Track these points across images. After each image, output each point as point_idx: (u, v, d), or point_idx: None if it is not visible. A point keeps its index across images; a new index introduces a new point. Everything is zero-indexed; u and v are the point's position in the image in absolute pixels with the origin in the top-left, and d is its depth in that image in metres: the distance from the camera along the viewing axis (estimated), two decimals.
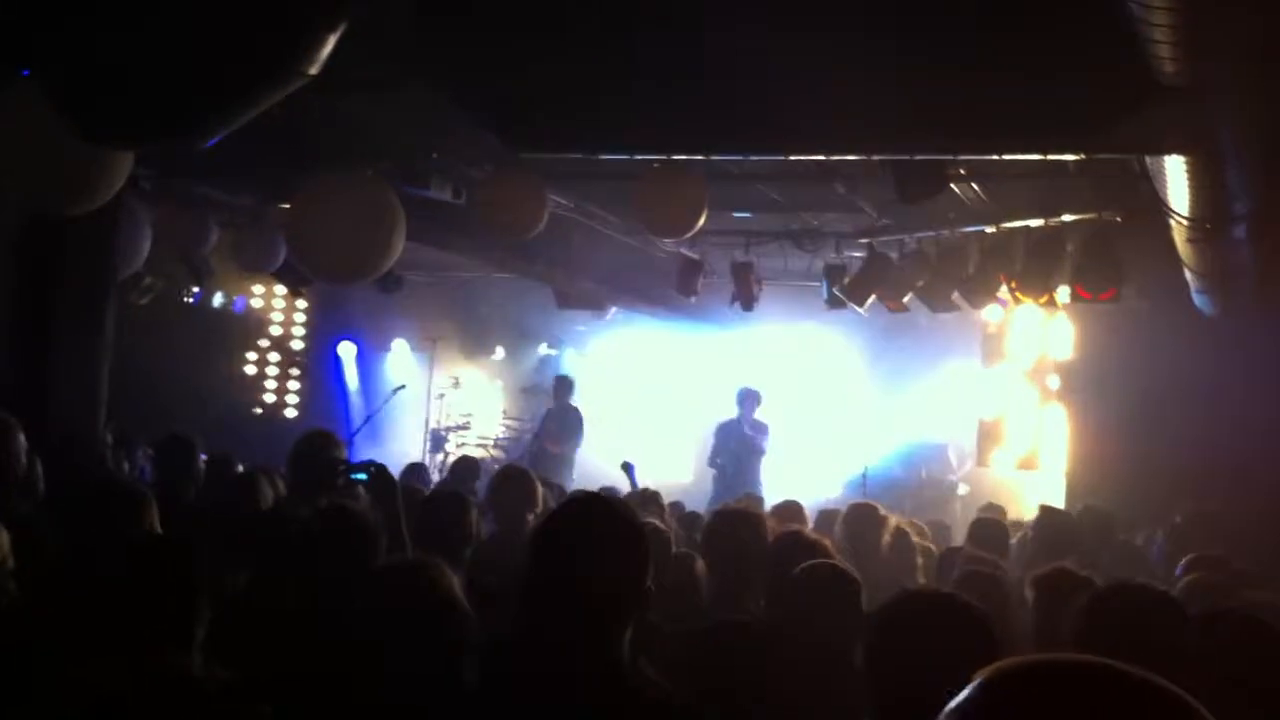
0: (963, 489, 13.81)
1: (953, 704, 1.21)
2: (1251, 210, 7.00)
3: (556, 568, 2.60)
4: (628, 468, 10.43)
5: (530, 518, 5.83)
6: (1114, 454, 10.23)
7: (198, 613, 2.90)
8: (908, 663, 2.62)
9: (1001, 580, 5.00)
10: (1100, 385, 10.83)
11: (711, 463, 13.00)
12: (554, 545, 2.64)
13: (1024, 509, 10.36)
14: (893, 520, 6.59)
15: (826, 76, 6.72)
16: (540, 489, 6.24)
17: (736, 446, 12.82)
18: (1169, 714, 1.16)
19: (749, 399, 13.14)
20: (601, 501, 2.84)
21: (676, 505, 10.31)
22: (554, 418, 14.34)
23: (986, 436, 13.91)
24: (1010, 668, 1.21)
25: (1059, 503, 9.75)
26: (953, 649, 2.50)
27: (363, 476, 5.94)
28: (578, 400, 14.52)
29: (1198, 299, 9.20)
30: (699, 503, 10.73)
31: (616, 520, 2.69)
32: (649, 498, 7.62)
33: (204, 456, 7.39)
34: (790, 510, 7.36)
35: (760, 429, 13.02)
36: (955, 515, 12.28)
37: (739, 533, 4.98)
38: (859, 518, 6.50)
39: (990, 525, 7.45)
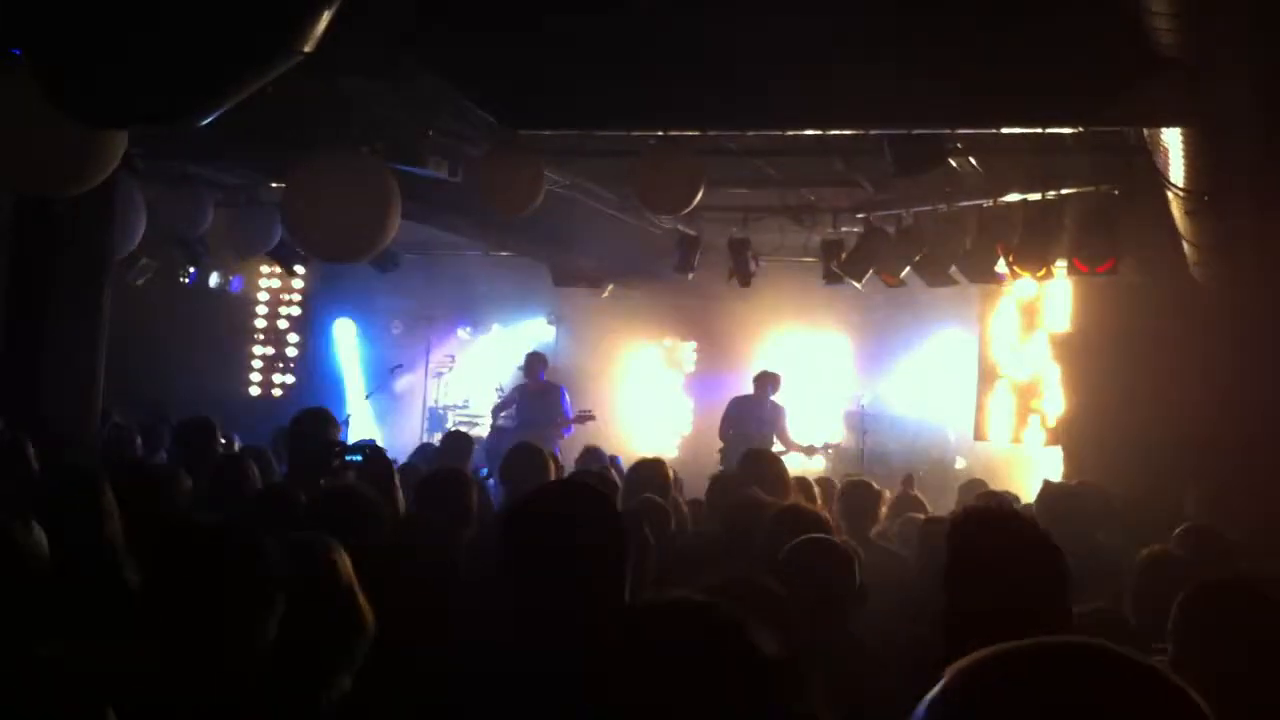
0: (960, 463, 13.82)
1: (930, 696, 1.18)
2: (1250, 182, 6.98)
3: (537, 548, 2.62)
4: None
5: None
6: (1111, 430, 10.22)
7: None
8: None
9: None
10: (1098, 360, 10.81)
11: (723, 435, 12.62)
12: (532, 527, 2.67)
13: (1021, 485, 10.38)
14: (888, 495, 6.63)
15: (825, 52, 6.70)
16: (552, 464, 6.24)
17: (752, 428, 12.41)
18: (1141, 689, 1.14)
19: (768, 382, 12.75)
20: (578, 485, 2.87)
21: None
22: (535, 399, 13.41)
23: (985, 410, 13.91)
24: (983, 658, 1.19)
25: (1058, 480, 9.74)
26: None
27: (358, 458, 5.96)
28: (552, 375, 13.88)
29: (1196, 272, 9.19)
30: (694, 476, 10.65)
31: (595, 503, 2.73)
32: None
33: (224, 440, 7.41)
34: (800, 484, 7.34)
35: (778, 412, 12.66)
36: (954, 492, 12.27)
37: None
38: (855, 494, 6.53)
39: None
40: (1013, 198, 10.06)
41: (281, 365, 16.25)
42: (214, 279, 14.88)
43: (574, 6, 6.76)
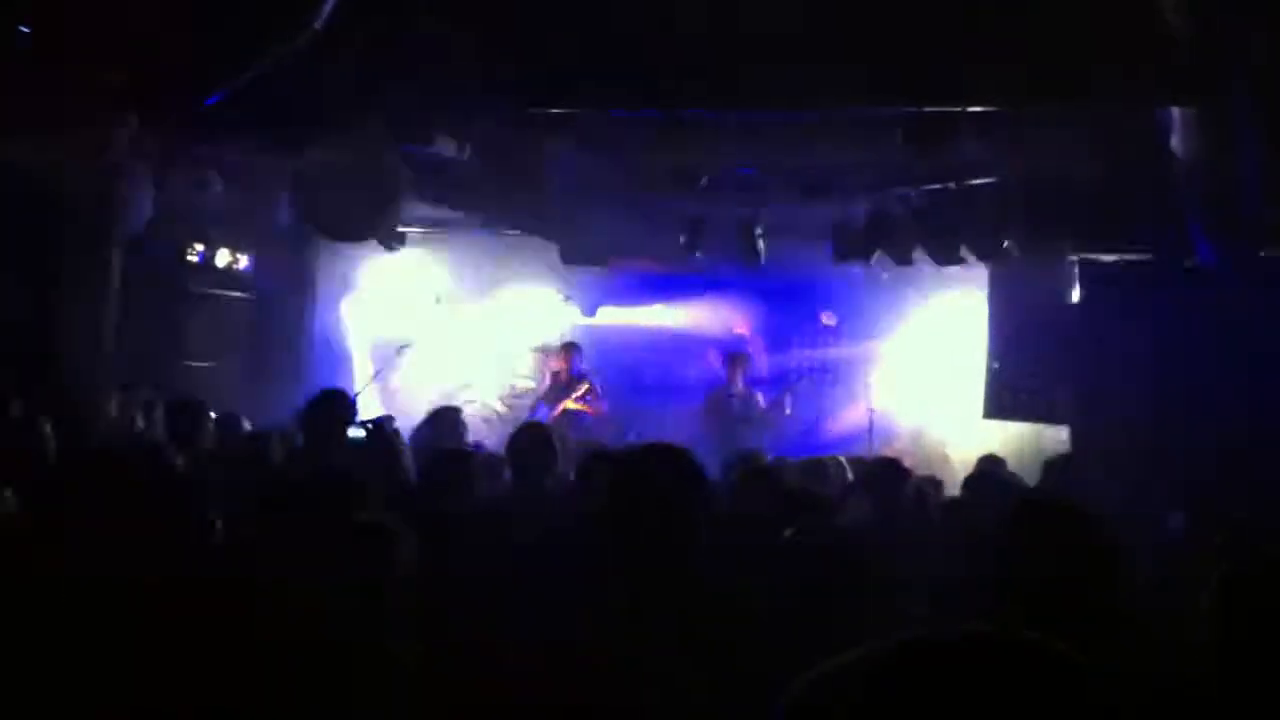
0: (969, 442, 13.78)
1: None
2: (1258, 160, 6.97)
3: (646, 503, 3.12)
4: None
5: (547, 474, 5.81)
6: (1116, 410, 10.22)
7: None
8: None
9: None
10: (1104, 340, 10.80)
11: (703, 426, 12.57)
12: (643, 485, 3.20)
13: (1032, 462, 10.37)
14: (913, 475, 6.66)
15: (834, 28, 6.69)
16: (558, 444, 6.24)
17: (726, 417, 12.36)
18: (1035, 672, 1.15)
19: (736, 364, 12.71)
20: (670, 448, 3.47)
21: None
22: (569, 388, 14.02)
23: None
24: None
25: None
26: None
27: (360, 434, 6.02)
28: (585, 362, 14.45)
29: (1203, 252, 9.17)
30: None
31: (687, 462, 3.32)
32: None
33: (214, 416, 7.43)
34: (815, 467, 7.34)
35: (749, 399, 12.62)
36: (954, 469, 12.26)
37: None
38: (881, 474, 6.55)
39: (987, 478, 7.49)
40: (1022, 176, 10.04)
41: (285, 344, 16.21)
42: (222, 258, 14.86)
43: None
